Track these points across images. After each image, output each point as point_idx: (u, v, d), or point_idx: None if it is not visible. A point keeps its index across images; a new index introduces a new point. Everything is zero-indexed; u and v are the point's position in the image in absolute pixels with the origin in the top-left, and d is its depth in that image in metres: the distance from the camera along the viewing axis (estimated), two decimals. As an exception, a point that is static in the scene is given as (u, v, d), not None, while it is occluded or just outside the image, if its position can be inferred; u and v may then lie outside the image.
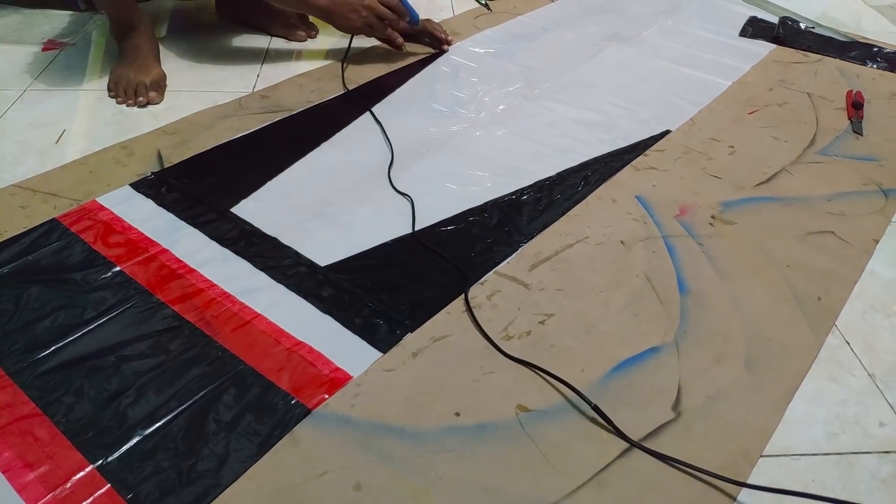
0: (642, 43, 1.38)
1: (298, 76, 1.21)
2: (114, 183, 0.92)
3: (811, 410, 0.67)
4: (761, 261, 0.84)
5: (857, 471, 0.62)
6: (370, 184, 0.94)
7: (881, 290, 0.81)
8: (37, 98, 1.12)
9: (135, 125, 1.05)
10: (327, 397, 0.65)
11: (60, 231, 0.83)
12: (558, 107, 1.14)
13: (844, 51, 1.38)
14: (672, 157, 1.03)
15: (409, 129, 1.07)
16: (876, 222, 0.91)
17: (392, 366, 0.68)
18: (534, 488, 0.58)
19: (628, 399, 0.66)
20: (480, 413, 0.64)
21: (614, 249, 0.84)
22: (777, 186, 0.97)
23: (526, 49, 1.34)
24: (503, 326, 0.73)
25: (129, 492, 0.56)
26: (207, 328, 0.71)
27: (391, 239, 0.84)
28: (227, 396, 0.64)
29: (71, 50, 1.28)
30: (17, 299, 0.73)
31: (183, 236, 0.83)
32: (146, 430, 0.61)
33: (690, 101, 1.17)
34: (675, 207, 0.92)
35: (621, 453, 0.61)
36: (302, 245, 0.83)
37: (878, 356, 0.73)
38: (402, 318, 0.74)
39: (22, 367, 0.66)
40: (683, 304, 0.77)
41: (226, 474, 0.58)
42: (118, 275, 0.77)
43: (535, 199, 0.93)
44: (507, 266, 0.81)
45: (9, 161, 0.96)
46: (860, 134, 1.11)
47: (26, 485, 0.56)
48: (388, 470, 0.59)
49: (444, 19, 1.44)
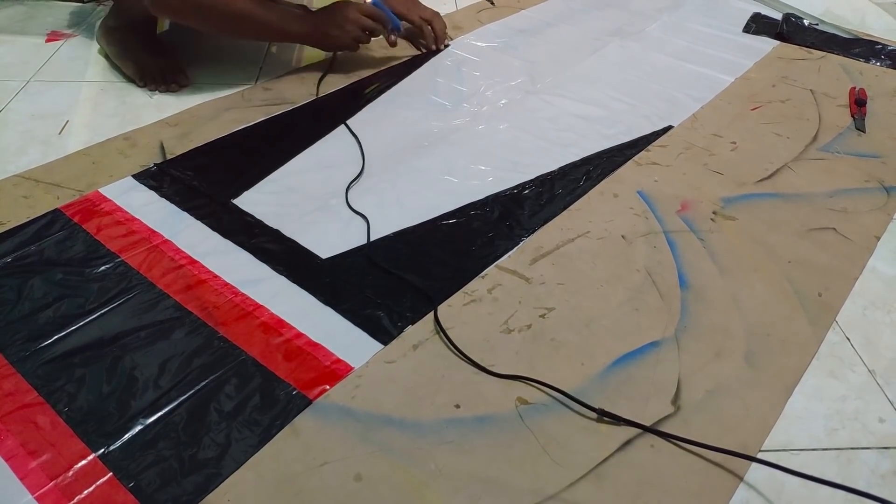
0: (645, 38, 1.38)
1: (301, 69, 1.21)
2: (116, 174, 0.92)
3: (811, 406, 0.67)
4: (762, 257, 0.84)
5: (856, 466, 0.62)
6: (372, 178, 0.94)
7: (882, 286, 0.81)
8: (40, 89, 1.12)
9: (137, 116, 1.05)
10: (328, 388, 0.65)
11: (63, 221, 0.83)
12: (561, 101, 1.14)
13: (848, 47, 1.38)
14: (674, 152, 1.03)
15: (411, 123, 1.07)
16: (877, 219, 0.91)
17: (393, 358, 0.69)
18: (533, 480, 0.58)
19: (628, 393, 0.66)
20: (480, 405, 0.64)
21: (615, 244, 0.85)
22: (779, 183, 0.97)
23: (528, 43, 1.34)
24: (504, 320, 0.73)
25: (131, 480, 0.57)
26: (209, 319, 0.71)
27: (392, 232, 0.84)
28: (228, 387, 0.65)
29: (74, 41, 1.28)
30: (20, 289, 0.74)
31: (185, 227, 0.83)
32: (148, 420, 0.61)
33: (693, 97, 1.17)
34: (677, 203, 0.92)
35: (620, 446, 0.61)
36: (304, 237, 0.83)
37: (878, 352, 0.73)
38: (404, 310, 0.74)
39: (24, 356, 0.67)
40: (684, 299, 0.77)
41: (227, 464, 0.58)
42: (120, 265, 0.77)
43: (536, 193, 0.93)
44: (508, 260, 0.81)
45: (12, 151, 0.96)
46: (863, 131, 1.11)
47: (28, 472, 0.57)
48: (388, 461, 0.59)
49: (447, 13, 1.44)
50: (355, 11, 1.14)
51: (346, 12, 1.14)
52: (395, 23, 1.21)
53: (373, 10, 1.16)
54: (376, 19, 1.16)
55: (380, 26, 1.17)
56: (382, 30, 1.18)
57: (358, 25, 1.14)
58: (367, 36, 1.17)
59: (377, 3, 1.20)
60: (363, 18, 1.14)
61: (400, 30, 1.22)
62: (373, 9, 1.17)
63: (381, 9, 1.19)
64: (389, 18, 1.19)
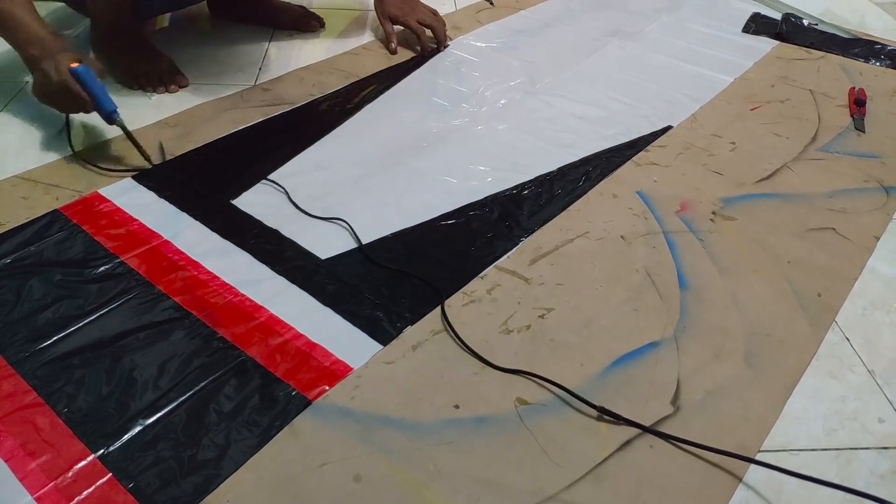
0: (644, 39, 1.38)
1: (300, 69, 1.21)
2: (115, 174, 0.92)
3: (810, 406, 0.67)
4: (761, 257, 0.84)
5: (855, 466, 0.62)
6: (371, 178, 0.94)
7: (881, 286, 0.82)
8: (39, 89, 1.12)
9: (137, 117, 1.05)
10: (328, 389, 0.65)
11: (62, 222, 0.83)
12: (560, 102, 1.14)
13: (847, 48, 1.38)
14: (673, 152, 1.03)
15: (410, 123, 1.07)
16: (877, 219, 0.91)
17: (392, 358, 0.69)
18: (532, 481, 0.58)
19: (627, 393, 0.66)
20: (479, 406, 0.64)
21: (615, 244, 0.85)
22: (778, 183, 0.97)
23: (528, 44, 1.34)
24: (503, 320, 0.73)
25: (131, 481, 0.57)
26: (208, 319, 0.71)
27: (391, 233, 0.84)
28: (227, 387, 0.65)
29: (72, 42, 1.27)
30: (19, 290, 0.73)
31: (184, 228, 0.83)
32: (147, 420, 0.61)
33: (692, 97, 1.17)
34: (676, 203, 0.92)
35: (619, 447, 0.61)
36: (303, 238, 0.83)
37: (877, 353, 0.73)
38: (403, 310, 0.74)
39: (24, 356, 0.66)
40: (683, 300, 0.77)
41: (226, 464, 0.58)
42: (119, 266, 0.77)
43: (535, 193, 0.93)
44: (508, 260, 0.81)
45: (11, 152, 0.96)
46: (862, 131, 1.11)
47: (28, 473, 0.57)
48: (387, 461, 0.59)
49: (446, 13, 1.43)
50: (60, 74, 0.87)
51: (51, 68, 0.87)
52: (106, 107, 0.90)
53: (76, 88, 0.87)
54: (75, 96, 0.88)
55: (83, 102, 0.89)
56: (86, 106, 0.90)
57: (61, 88, 0.88)
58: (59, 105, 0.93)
59: (82, 75, 0.87)
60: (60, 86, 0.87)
61: (116, 118, 0.91)
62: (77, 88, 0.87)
63: (89, 88, 0.88)
64: (98, 103, 0.89)
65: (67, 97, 0.89)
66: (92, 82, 0.88)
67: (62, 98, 0.90)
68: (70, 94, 0.88)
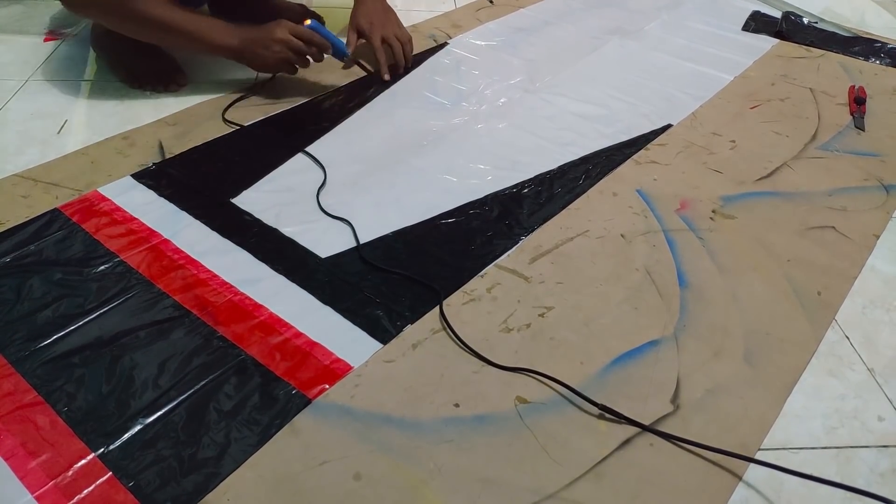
0: (644, 37, 1.38)
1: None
2: (115, 173, 0.92)
3: (810, 404, 0.67)
4: (761, 255, 0.84)
5: (855, 465, 0.62)
6: (371, 176, 0.94)
7: (881, 285, 0.82)
8: (38, 88, 1.12)
9: (136, 116, 1.05)
10: (327, 388, 0.65)
11: (62, 221, 0.83)
12: (560, 100, 1.14)
13: (847, 46, 1.38)
14: (673, 151, 1.03)
15: (410, 122, 1.07)
16: (877, 218, 0.91)
17: (392, 357, 0.69)
18: (532, 479, 0.59)
19: (627, 392, 0.66)
20: (479, 404, 0.65)
21: (614, 243, 0.85)
22: (778, 181, 0.97)
23: (528, 42, 1.34)
24: (503, 319, 0.73)
25: (131, 480, 0.57)
26: (208, 318, 0.71)
27: (390, 231, 0.84)
28: (227, 386, 0.65)
29: (72, 41, 1.27)
30: (19, 289, 0.73)
31: (184, 227, 0.83)
32: (147, 419, 0.61)
33: (692, 96, 1.17)
34: (676, 201, 0.92)
35: (619, 445, 0.62)
36: (303, 236, 0.83)
37: (877, 351, 0.73)
38: (403, 309, 0.74)
39: (24, 355, 0.67)
40: (683, 298, 0.77)
41: (226, 463, 0.58)
42: (119, 265, 0.77)
43: (535, 192, 0.93)
44: (508, 259, 0.81)
45: (10, 151, 0.96)
46: (862, 129, 1.11)
47: (28, 472, 0.57)
48: (387, 460, 0.59)
49: (446, 11, 1.43)
50: (285, 31, 1.04)
51: (275, 32, 1.04)
52: (340, 48, 1.11)
53: (305, 33, 1.06)
54: (308, 42, 1.06)
55: (313, 50, 1.07)
56: (318, 54, 1.08)
57: (286, 46, 1.04)
58: (298, 59, 1.07)
59: (315, 25, 1.08)
60: (293, 40, 1.04)
61: (347, 55, 1.13)
62: (306, 31, 1.06)
63: (321, 32, 1.08)
64: (330, 43, 1.09)
65: (309, 49, 1.06)
66: (327, 31, 1.09)
67: (301, 54, 1.06)
68: (315, 42, 1.06)
